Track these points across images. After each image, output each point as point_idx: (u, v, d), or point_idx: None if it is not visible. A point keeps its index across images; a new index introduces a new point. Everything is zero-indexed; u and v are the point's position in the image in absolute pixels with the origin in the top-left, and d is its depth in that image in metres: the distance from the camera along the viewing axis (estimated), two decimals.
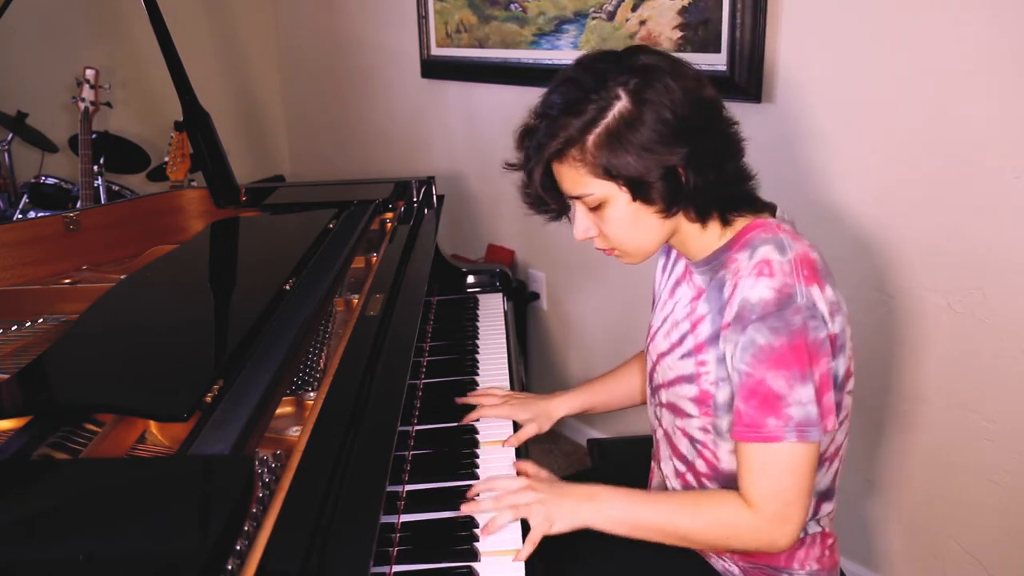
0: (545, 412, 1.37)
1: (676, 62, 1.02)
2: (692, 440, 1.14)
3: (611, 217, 1.05)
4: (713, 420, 1.08)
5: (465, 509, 1.10)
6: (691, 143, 0.98)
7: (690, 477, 1.17)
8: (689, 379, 1.11)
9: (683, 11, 1.92)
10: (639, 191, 1.01)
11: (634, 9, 2.04)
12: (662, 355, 1.18)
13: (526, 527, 1.07)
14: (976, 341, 1.57)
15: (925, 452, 1.70)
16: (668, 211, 1.03)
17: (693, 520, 1.05)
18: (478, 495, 1.12)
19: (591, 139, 0.99)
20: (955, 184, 1.53)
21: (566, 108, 1.00)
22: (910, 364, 1.67)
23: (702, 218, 1.06)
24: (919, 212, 1.60)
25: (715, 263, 1.09)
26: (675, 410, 1.15)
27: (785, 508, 1.00)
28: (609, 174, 1.00)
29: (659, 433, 1.23)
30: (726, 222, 1.07)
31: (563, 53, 2.27)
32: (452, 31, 2.65)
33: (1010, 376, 1.53)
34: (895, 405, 1.70)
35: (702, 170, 1.00)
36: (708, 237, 1.09)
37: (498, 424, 1.34)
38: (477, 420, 1.36)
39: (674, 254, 1.23)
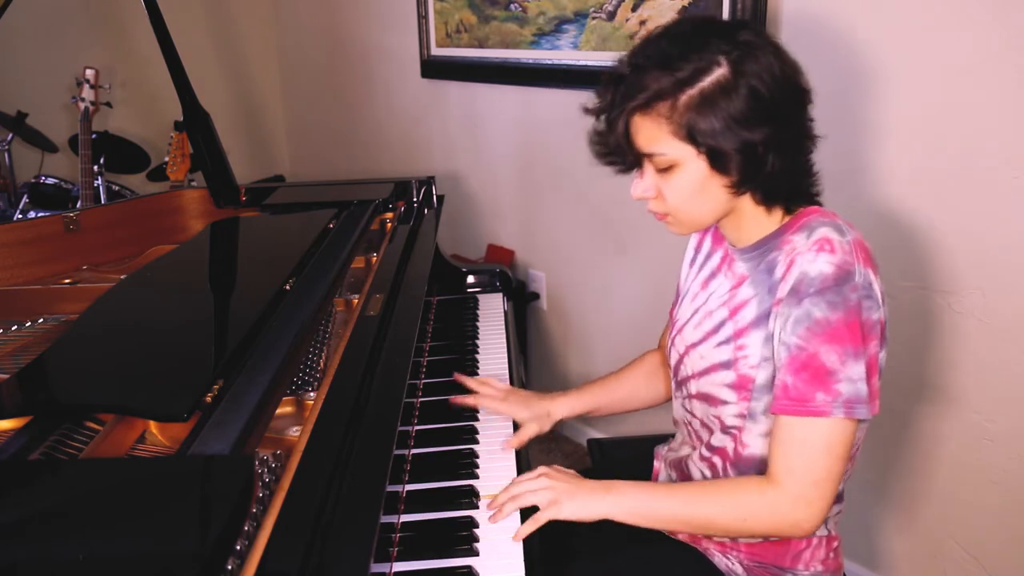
0: (546, 412, 1.35)
1: (778, 46, 1.02)
2: (725, 427, 1.13)
3: (678, 182, 1.03)
4: (750, 404, 1.08)
5: (490, 519, 1.09)
6: (777, 125, 0.98)
7: (717, 460, 1.16)
8: (726, 365, 1.11)
9: (683, 11, 1.92)
10: (718, 160, 0.99)
11: (634, 9, 2.04)
12: (692, 346, 1.17)
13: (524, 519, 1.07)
14: (976, 341, 1.57)
15: (925, 452, 1.70)
16: (739, 187, 1.02)
17: (712, 505, 1.04)
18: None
19: (683, 98, 0.97)
20: (955, 183, 1.53)
21: (662, 62, 0.98)
22: (910, 364, 1.67)
23: (768, 202, 1.06)
24: (918, 212, 1.60)
25: (765, 248, 1.08)
26: (708, 399, 1.15)
27: (812, 489, 0.99)
28: (692, 138, 0.98)
29: (694, 424, 1.21)
30: (790, 211, 1.08)
31: (563, 53, 2.27)
32: (452, 31, 2.65)
33: (1010, 376, 1.53)
34: (895, 405, 1.70)
35: (781, 154, 1.00)
36: (766, 223, 1.08)
37: (498, 423, 1.34)
38: (476, 408, 1.36)
39: (705, 248, 1.22)
